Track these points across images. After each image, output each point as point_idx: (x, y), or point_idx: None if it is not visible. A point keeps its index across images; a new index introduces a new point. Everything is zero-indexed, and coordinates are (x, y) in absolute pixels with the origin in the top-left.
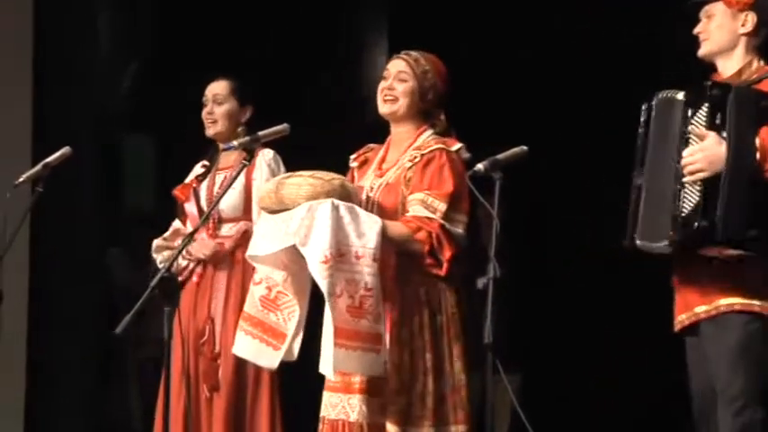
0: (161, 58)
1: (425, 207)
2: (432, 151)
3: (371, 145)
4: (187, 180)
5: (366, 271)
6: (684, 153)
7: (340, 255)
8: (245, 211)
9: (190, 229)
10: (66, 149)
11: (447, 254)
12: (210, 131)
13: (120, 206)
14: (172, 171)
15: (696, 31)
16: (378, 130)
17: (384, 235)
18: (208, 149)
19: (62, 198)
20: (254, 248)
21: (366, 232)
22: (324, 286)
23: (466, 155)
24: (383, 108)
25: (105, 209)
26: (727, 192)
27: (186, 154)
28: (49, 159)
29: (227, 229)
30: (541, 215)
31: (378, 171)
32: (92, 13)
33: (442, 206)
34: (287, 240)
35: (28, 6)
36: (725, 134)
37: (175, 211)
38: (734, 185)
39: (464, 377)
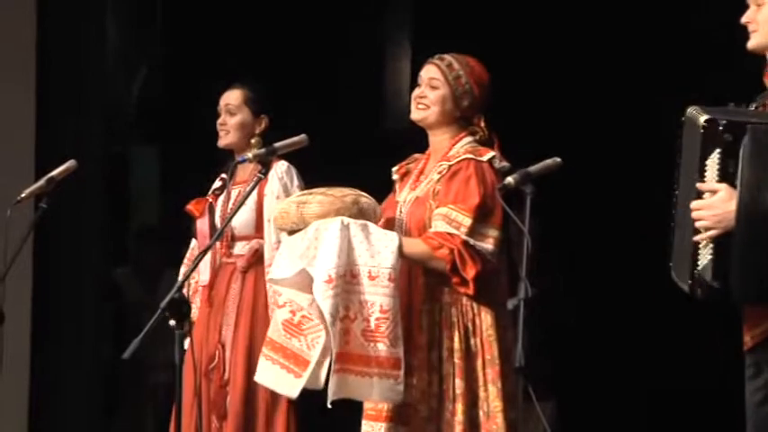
0: (173, 64)
1: (449, 222)
2: (459, 162)
3: (416, 155)
4: (210, 192)
5: (381, 292)
6: (692, 206)
7: (352, 275)
8: (257, 229)
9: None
10: (71, 163)
11: (471, 272)
12: (222, 142)
13: (129, 222)
14: (184, 185)
15: (743, 20)
16: (398, 139)
17: (401, 253)
18: (225, 162)
19: (67, 214)
20: (274, 271)
21: (381, 251)
22: (324, 308)
23: (500, 164)
24: (414, 114)
25: (112, 225)
26: (740, 253)
27: (201, 167)
28: (53, 173)
29: (240, 248)
30: (577, 231)
31: (414, 184)
32: (99, 18)
33: (467, 221)
34: (298, 263)
35: (32, 12)
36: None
37: (190, 228)
38: (747, 246)
39: (500, 404)
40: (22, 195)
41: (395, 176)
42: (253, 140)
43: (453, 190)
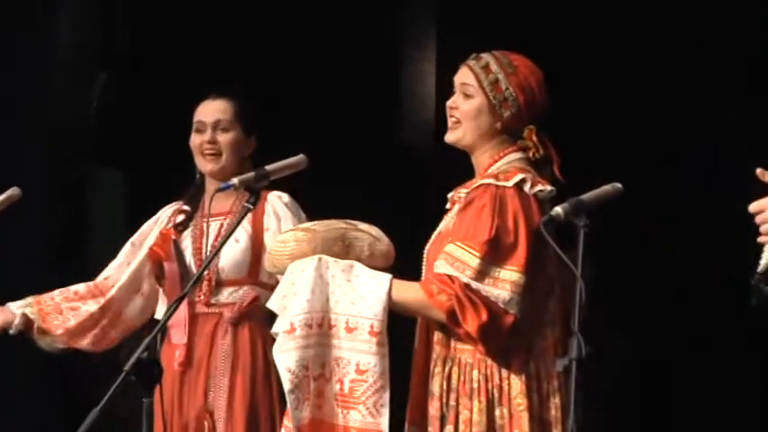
0: (142, 68)
1: (451, 263)
2: (476, 188)
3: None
4: (148, 226)
5: (359, 348)
6: (751, 207)
7: (329, 326)
8: (251, 272)
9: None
10: (13, 190)
11: (472, 323)
12: (210, 167)
13: (83, 262)
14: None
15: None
16: (419, 157)
17: (391, 300)
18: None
19: (8, 252)
20: (277, 324)
21: (366, 296)
22: (279, 364)
23: (536, 190)
24: (448, 136)
25: (63, 266)
26: None
27: (176, 196)
28: None
29: (227, 295)
30: (642, 272)
31: (445, 216)
32: (49, 15)
33: (473, 260)
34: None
35: None
36: None
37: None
38: None
39: None
40: None
41: (448, 206)
42: (245, 164)
43: (464, 223)
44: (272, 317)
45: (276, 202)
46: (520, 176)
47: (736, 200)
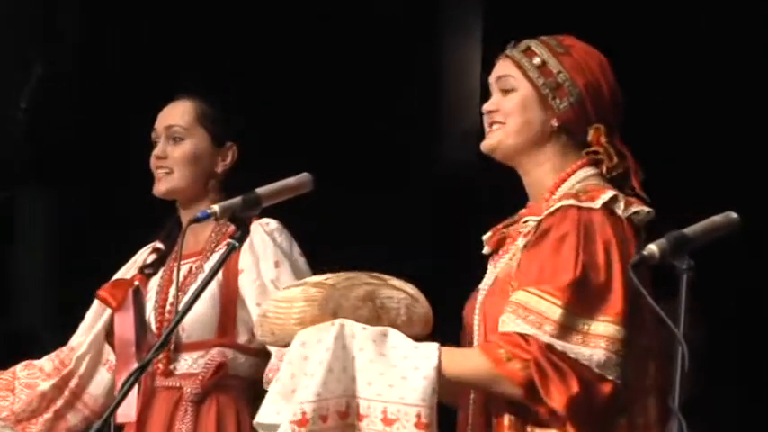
0: (87, 60)
1: (524, 317)
2: (552, 214)
3: (523, 210)
4: (122, 273)
5: None
6: None
7: (357, 415)
8: (221, 331)
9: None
10: None
11: (559, 397)
12: (162, 187)
13: (7, 309)
14: (97, 250)
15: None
16: (464, 177)
17: (443, 377)
18: (164, 219)
19: None
20: (262, 412)
21: (408, 375)
22: None
23: (631, 212)
24: (485, 143)
25: None
26: None
27: (126, 222)
28: None
29: (189, 364)
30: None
31: (498, 257)
32: None
33: (555, 311)
34: (280, 405)
35: None
36: None
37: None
38: None
39: None
40: None
41: (486, 250)
42: (210, 183)
43: (538, 261)
44: (254, 394)
45: (257, 232)
46: (610, 194)
47: None
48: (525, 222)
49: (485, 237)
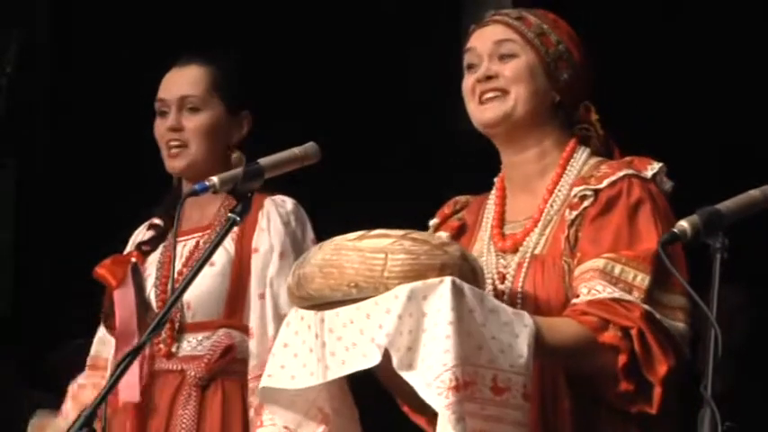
0: (69, 22)
1: (611, 281)
2: (614, 183)
3: (460, 198)
4: (127, 250)
5: (513, 417)
6: None
7: (471, 383)
8: (229, 311)
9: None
10: None
11: (661, 369)
12: (175, 164)
13: None
14: (81, 226)
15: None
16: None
17: (543, 346)
18: (163, 191)
19: None
20: (275, 377)
21: (512, 342)
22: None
23: (666, 185)
24: (483, 116)
25: None
26: None
27: (113, 195)
28: None
29: (193, 346)
30: None
31: (499, 241)
32: None
33: (643, 279)
34: (368, 356)
35: None
36: None
37: (101, 307)
38: None
39: None
40: None
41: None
42: (234, 155)
43: (611, 229)
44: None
45: (272, 211)
46: (656, 166)
47: None
48: (581, 194)
49: (432, 222)
